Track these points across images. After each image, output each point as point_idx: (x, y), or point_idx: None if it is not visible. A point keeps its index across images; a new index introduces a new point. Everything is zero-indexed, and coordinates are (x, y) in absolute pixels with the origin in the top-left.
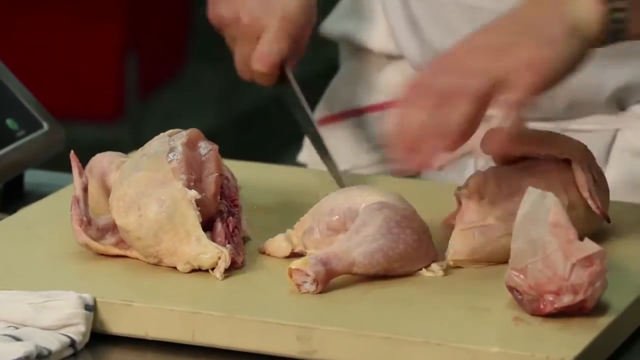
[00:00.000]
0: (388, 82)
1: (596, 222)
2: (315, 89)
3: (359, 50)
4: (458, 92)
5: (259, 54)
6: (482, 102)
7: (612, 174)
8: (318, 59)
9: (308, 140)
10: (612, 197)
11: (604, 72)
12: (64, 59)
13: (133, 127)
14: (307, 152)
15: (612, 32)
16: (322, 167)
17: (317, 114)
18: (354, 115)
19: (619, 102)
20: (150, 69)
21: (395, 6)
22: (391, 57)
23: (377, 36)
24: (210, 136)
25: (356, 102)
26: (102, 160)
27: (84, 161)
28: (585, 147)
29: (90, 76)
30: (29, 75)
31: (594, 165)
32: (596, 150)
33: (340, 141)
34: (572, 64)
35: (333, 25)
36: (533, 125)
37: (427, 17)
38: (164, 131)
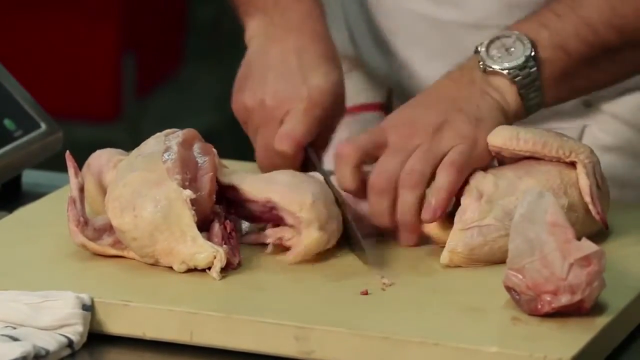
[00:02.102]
0: (352, 87)
1: (595, 225)
2: None
3: None
4: (407, 180)
5: (282, 134)
6: (425, 183)
7: None
8: None
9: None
10: None
11: None
12: (62, 59)
13: (131, 128)
14: None
15: (530, 105)
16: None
17: None
18: None
19: (585, 102)
20: (148, 69)
21: (358, 18)
22: (354, 62)
23: (341, 42)
24: (208, 136)
25: None
26: (101, 157)
27: (81, 161)
28: (591, 150)
29: (88, 76)
30: (26, 75)
31: (598, 170)
32: None
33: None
34: None
35: None
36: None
37: (391, 29)
38: (161, 131)
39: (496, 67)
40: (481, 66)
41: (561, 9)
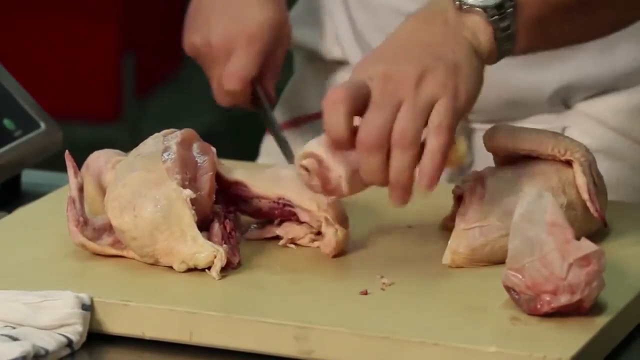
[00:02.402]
0: None
1: (594, 223)
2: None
3: (311, 57)
4: (400, 141)
5: (227, 73)
6: (419, 140)
7: None
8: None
9: (266, 148)
10: None
11: (545, 71)
12: (62, 59)
13: (130, 127)
14: (265, 159)
15: (502, 50)
16: None
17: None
18: (307, 121)
19: (564, 101)
20: (148, 69)
21: (341, 16)
22: (341, 63)
23: (327, 43)
24: (207, 136)
25: (309, 109)
26: (99, 158)
27: (81, 161)
28: (586, 148)
29: (87, 76)
30: (26, 75)
31: (594, 168)
32: None
33: (294, 147)
34: (479, 82)
35: None
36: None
37: (370, 27)
38: (161, 131)
39: (472, 1)
40: (456, 3)
41: None
